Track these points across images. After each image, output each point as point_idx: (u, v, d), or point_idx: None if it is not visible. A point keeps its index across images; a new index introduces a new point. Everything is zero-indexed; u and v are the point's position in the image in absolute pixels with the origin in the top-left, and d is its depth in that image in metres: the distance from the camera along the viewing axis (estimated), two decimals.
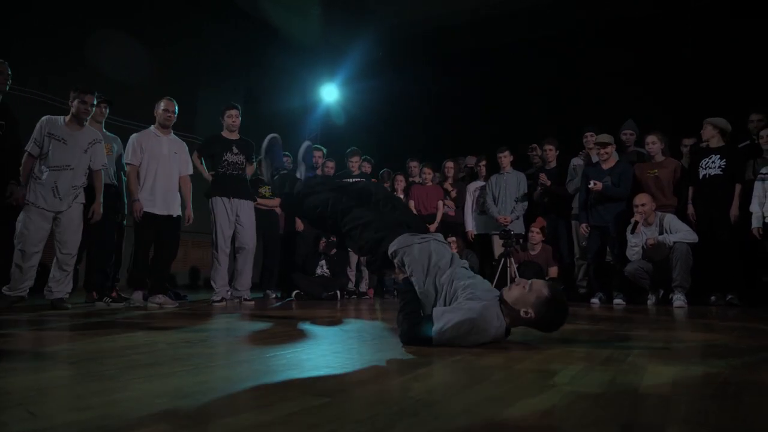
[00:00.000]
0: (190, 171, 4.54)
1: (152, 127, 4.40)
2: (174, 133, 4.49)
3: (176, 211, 4.34)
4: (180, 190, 4.42)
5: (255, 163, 5.06)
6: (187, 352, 1.82)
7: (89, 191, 4.09)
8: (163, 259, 4.33)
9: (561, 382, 1.39)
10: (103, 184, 4.17)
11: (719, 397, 1.26)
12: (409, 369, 1.55)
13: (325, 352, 1.89)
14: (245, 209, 4.75)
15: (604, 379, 1.43)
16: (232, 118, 4.79)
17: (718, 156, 4.97)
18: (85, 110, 3.95)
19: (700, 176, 5.04)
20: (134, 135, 4.33)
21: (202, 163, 4.81)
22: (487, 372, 1.54)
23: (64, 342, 2.14)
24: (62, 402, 1.12)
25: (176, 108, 4.40)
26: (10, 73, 3.58)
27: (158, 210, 4.22)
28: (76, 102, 3.96)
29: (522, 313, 2.05)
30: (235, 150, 4.76)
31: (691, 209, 5.08)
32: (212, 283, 4.66)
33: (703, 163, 5.05)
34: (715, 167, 4.97)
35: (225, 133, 4.83)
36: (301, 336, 2.38)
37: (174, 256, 4.50)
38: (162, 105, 4.38)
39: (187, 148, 4.57)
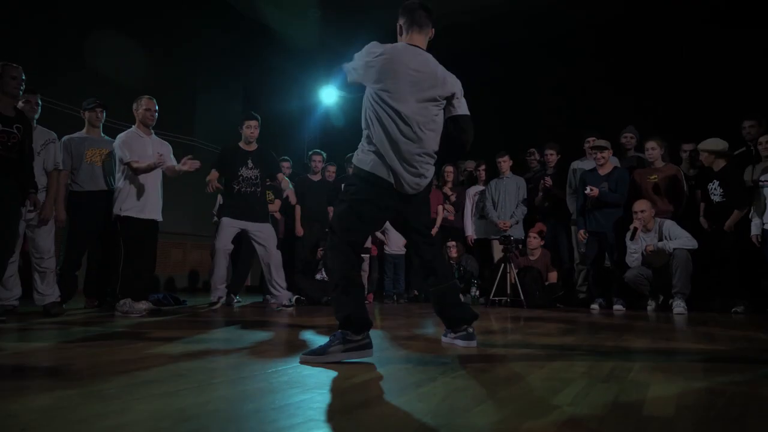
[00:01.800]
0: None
1: (134, 127, 4.23)
2: (156, 134, 4.36)
3: (160, 216, 4.25)
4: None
5: (278, 176, 4.97)
6: (188, 367, 1.82)
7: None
8: (150, 263, 4.24)
9: (564, 402, 1.38)
10: (62, 187, 4.11)
11: (723, 419, 1.26)
12: (412, 387, 1.55)
13: (327, 367, 1.88)
14: (263, 229, 4.65)
15: (607, 398, 1.43)
16: (251, 129, 4.68)
17: (718, 183, 4.96)
18: (30, 109, 3.91)
19: (710, 200, 5.03)
20: (121, 136, 4.14)
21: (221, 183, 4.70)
22: (490, 390, 1.54)
23: (66, 356, 2.13)
24: (66, 426, 1.12)
25: (157, 106, 4.24)
26: (24, 78, 3.58)
27: (146, 215, 4.10)
28: (20, 103, 3.87)
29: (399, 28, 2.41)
30: (250, 164, 4.65)
31: (704, 222, 5.09)
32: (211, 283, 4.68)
33: (710, 187, 5.04)
34: (717, 194, 4.95)
35: (242, 144, 4.73)
36: (302, 347, 2.38)
37: (155, 260, 4.42)
38: (143, 104, 4.19)
39: (171, 149, 4.42)
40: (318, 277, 5.80)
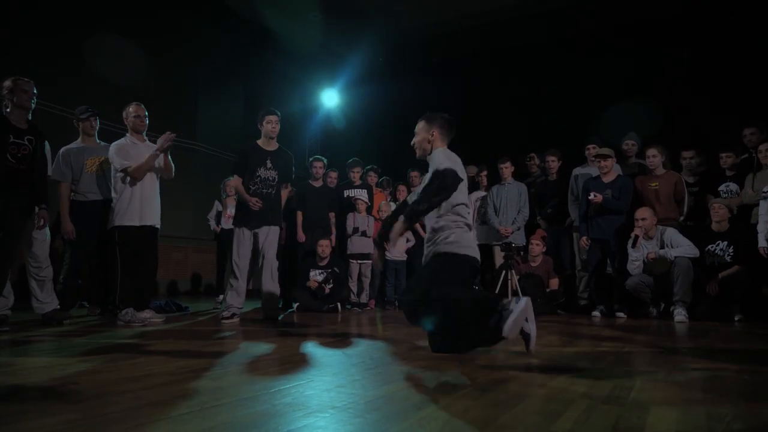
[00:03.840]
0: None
1: (127, 135, 4.18)
2: (148, 139, 4.32)
3: (159, 222, 4.21)
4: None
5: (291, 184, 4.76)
6: (190, 388, 1.83)
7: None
8: (151, 271, 4.23)
9: (564, 428, 1.39)
10: (66, 200, 4.10)
11: None
12: (413, 411, 1.56)
13: (329, 386, 1.89)
14: (270, 235, 4.48)
15: (608, 423, 1.44)
16: (272, 124, 4.49)
17: (726, 242, 4.89)
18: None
19: (707, 263, 4.95)
20: (116, 145, 4.09)
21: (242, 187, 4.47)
22: (490, 414, 1.54)
23: (69, 373, 2.14)
24: None
25: (146, 111, 4.21)
26: (35, 91, 3.60)
27: (145, 222, 4.07)
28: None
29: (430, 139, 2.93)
30: (269, 164, 4.48)
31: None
32: (226, 299, 4.48)
33: (710, 248, 4.94)
34: (724, 255, 4.89)
35: (262, 142, 4.55)
36: (304, 363, 2.39)
37: (157, 267, 4.41)
38: (132, 111, 4.14)
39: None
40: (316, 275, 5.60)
